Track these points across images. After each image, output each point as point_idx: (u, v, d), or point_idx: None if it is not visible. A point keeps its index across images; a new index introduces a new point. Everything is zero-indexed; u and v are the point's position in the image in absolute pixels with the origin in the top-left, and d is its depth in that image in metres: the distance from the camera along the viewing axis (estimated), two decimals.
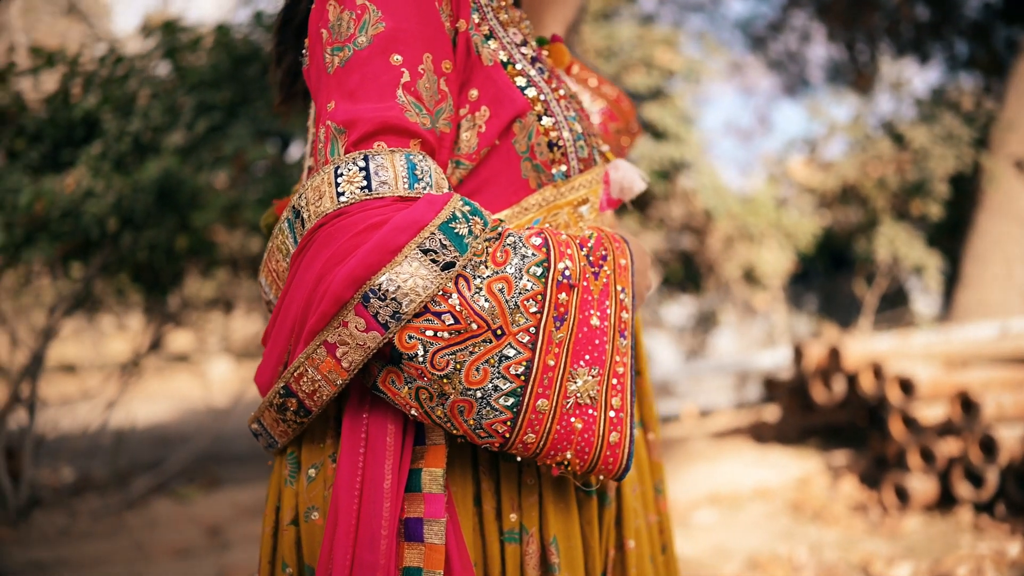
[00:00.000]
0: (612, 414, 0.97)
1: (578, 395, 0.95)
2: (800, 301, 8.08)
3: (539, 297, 0.92)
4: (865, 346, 4.68)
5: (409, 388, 0.91)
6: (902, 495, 4.14)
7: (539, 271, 0.92)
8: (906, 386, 4.24)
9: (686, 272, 6.38)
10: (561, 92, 1.08)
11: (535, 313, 0.91)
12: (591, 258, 0.97)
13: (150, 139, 4.33)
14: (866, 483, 4.58)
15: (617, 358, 0.97)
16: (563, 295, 0.93)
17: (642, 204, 5.91)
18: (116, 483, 5.25)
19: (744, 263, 5.94)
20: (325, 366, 0.91)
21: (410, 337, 0.88)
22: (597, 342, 0.96)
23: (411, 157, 0.92)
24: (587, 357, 0.95)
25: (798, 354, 4.90)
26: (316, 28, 0.99)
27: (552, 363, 0.93)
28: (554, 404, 0.93)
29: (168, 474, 5.19)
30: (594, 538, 1.06)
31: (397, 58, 0.94)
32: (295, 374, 0.93)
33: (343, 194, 0.90)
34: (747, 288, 6.27)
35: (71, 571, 3.80)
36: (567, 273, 0.94)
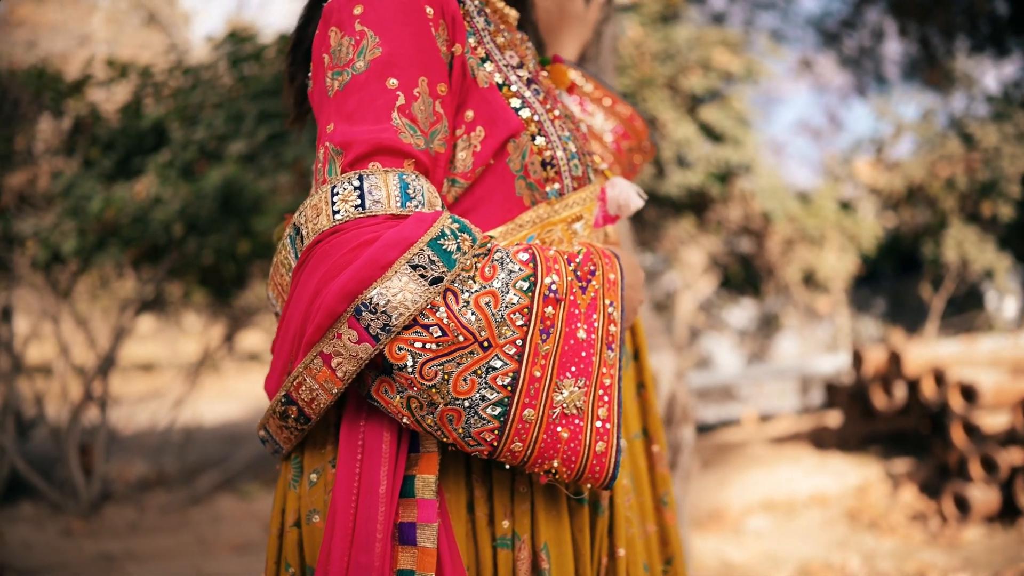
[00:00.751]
0: (599, 424, 0.99)
1: (564, 406, 0.98)
2: (867, 305, 7.91)
3: (526, 311, 0.95)
4: (927, 351, 4.57)
5: (401, 397, 0.95)
6: (962, 505, 4.04)
7: (526, 286, 0.95)
8: (968, 393, 4.14)
9: (746, 275, 6.31)
10: (556, 112, 1.12)
11: (521, 326, 0.95)
12: (579, 273, 1.00)
13: (214, 147, 4.48)
14: (926, 492, 4.47)
15: (604, 370, 1.00)
16: (550, 309, 0.97)
17: (700, 207, 5.87)
18: (184, 479, 5.44)
19: (805, 266, 5.85)
20: (321, 376, 0.96)
21: (400, 348, 0.92)
22: (584, 354, 0.99)
23: (404, 177, 0.96)
24: (573, 369, 0.98)
25: (857, 359, 4.81)
26: (319, 53, 1.04)
27: (539, 374, 0.96)
28: (540, 414, 0.96)
29: (233, 471, 5.36)
30: (585, 545, 1.09)
31: (393, 82, 0.98)
32: (294, 383, 0.98)
33: (338, 212, 0.95)
34: (809, 291, 6.17)
35: (138, 563, 3.96)
36: (554, 287, 0.97)
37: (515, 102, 1.07)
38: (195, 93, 4.66)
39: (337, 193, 0.95)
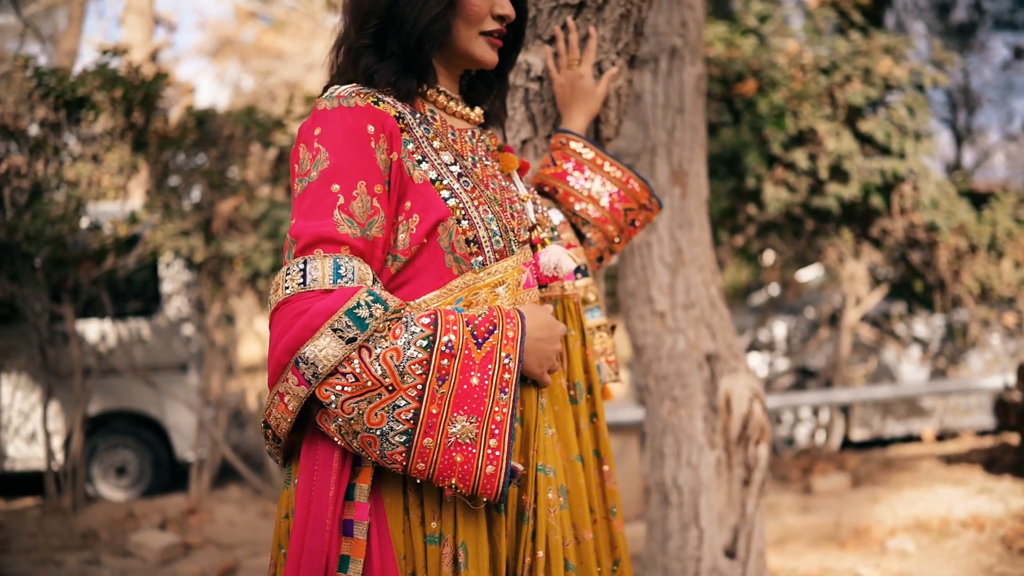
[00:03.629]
0: (489, 452, 1.26)
1: (458, 436, 1.25)
2: None
3: (425, 363, 1.24)
4: None
5: (334, 425, 1.26)
6: None
7: (425, 343, 1.24)
8: None
9: (925, 288, 6.09)
10: (484, 198, 1.39)
11: (421, 375, 1.23)
12: (475, 332, 1.27)
13: None
14: None
15: (496, 408, 1.26)
16: (446, 361, 1.25)
17: (864, 220, 5.75)
18: None
19: (982, 277, 5.58)
20: (279, 409, 1.29)
21: (326, 390, 1.23)
22: (476, 396, 1.26)
23: (338, 260, 1.27)
24: (466, 407, 1.25)
25: (1021, 376, 4.59)
26: (292, 163, 1.37)
27: (435, 411, 1.24)
28: (438, 442, 1.25)
29: None
30: (502, 546, 1.35)
31: (336, 187, 1.29)
32: (267, 412, 1.32)
33: (288, 288, 1.27)
34: (990, 304, 5.87)
35: None
36: (450, 344, 1.25)
37: (445, 193, 1.36)
38: None
39: (289, 273, 1.28)
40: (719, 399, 2.67)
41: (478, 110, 1.53)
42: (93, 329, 5.88)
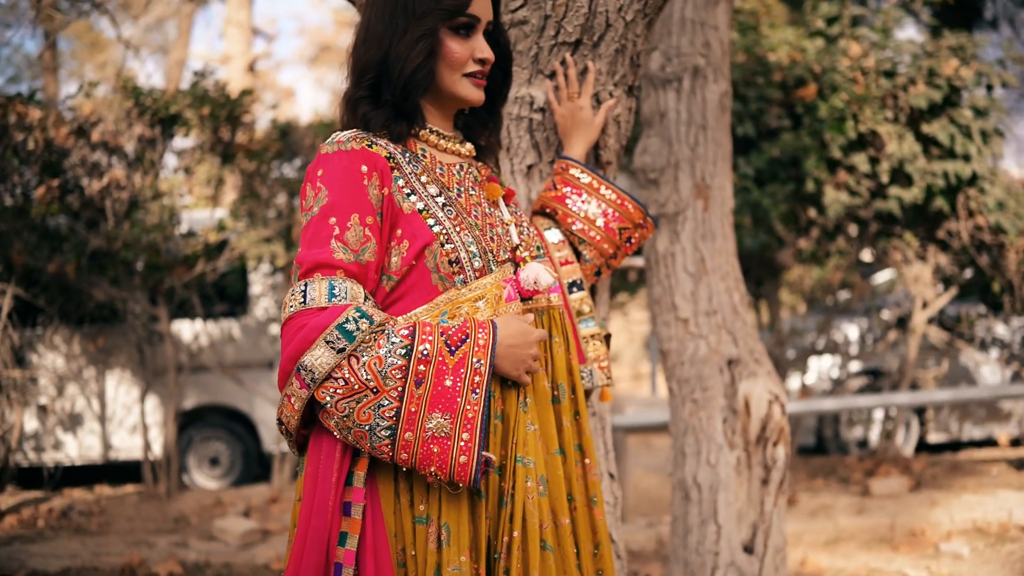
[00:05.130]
0: (462, 444, 1.47)
1: (434, 431, 1.46)
2: None
3: (404, 368, 1.45)
4: None
5: (332, 422, 1.49)
6: None
7: (403, 352, 1.46)
8: None
9: (999, 289, 6.01)
10: (464, 225, 1.60)
11: (400, 379, 1.45)
12: (448, 342, 1.48)
13: None
14: None
15: (468, 407, 1.47)
16: (422, 367, 1.46)
17: (932, 222, 5.72)
18: None
19: None
20: (288, 408, 1.53)
21: (322, 392, 1.46)
22: (449, 396, 1.47)
23: (333, 282, 1.50)
24: (440, 406, 1.46)
25: None
26: (301, 199, 1.60)
27: (414, 410, 1.46)
28: (417, 436, 1.46)
29: None
30: (483, 526, 1.55)
31: (332, 220, 1.52)
32: (279, 411, 1.56)
33: (292, 307, 1.51)
34: None
35: None
36: (425, 352, 1.46)
37: (430, 221, 1.57)
38: None
39: (293, 294, 1.52)
40: (738, 402, 2.81)
41: (469, 146, 1.74)
42: (187, 329, 6.33)
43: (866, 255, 6.80)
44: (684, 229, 2.90)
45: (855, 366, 6.81)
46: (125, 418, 6.27)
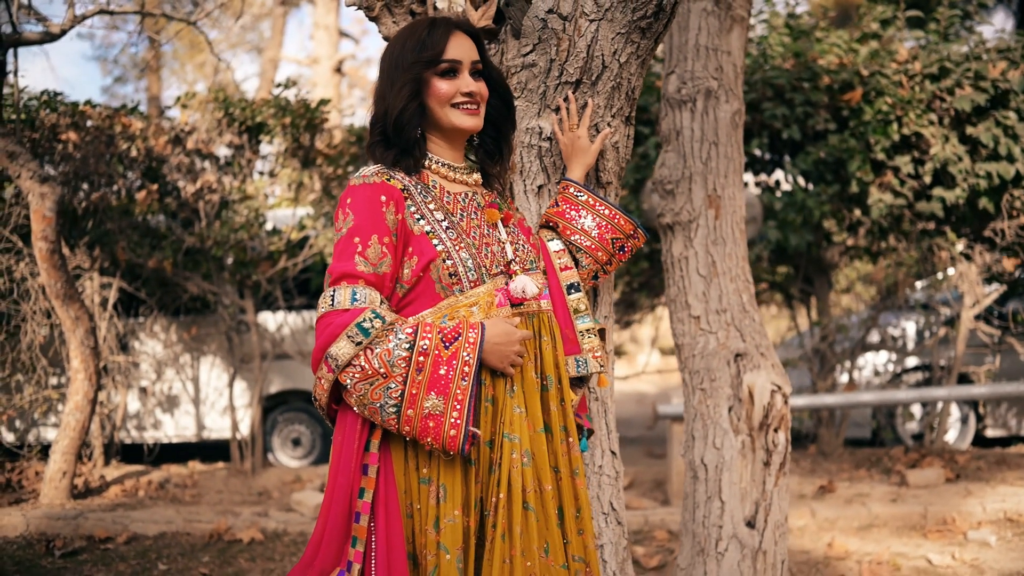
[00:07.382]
0: (452, 420, 1.83)
1: (430, 409, 1.84)
2: None
3: (407, 359, 1.83)
4: None
5: (353, 399, 1.88)
6: None
7: (407, 346, 1.84)
8: None
9: None
10: (462, 244, 1.96)
11: (404, 367, 1.83)
12: (443, 338, 1.85)
13: None
14: None
15: (458, 391, 1.84)
16: (421, 358, 1.84)
17: (980, 220, 5.82)
18: None
19: None
20: (319, 388, 1.92)
21: (344, 376, 1.85)
22: (443, 382, 1.84)
23: (355, 289, 1.88)
24: (436, 390, 1.83)
25: None
26: (335, 221, 2.00)
27: (415, 392, 1.83)
28: (417, 413, 1.84)
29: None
30: (473, 488, 1.92)
31: (356, 239, 1.91)
32: (314, 390, 1.96)
33: (323, 308, 1.90)
34: None
35: None
36: (424, 346, 1.84)
37: (435, 241, 1.95)
38: None
39: (324, 298, 1.91)
40: (743, 391, 3.11)
41: (476, 176, 2.11)
42: (271, 320, 6.88)
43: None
44: (697, 235, 3.21)
45: (912, 361, 6.93)
46: (216, 401, 6.85)
